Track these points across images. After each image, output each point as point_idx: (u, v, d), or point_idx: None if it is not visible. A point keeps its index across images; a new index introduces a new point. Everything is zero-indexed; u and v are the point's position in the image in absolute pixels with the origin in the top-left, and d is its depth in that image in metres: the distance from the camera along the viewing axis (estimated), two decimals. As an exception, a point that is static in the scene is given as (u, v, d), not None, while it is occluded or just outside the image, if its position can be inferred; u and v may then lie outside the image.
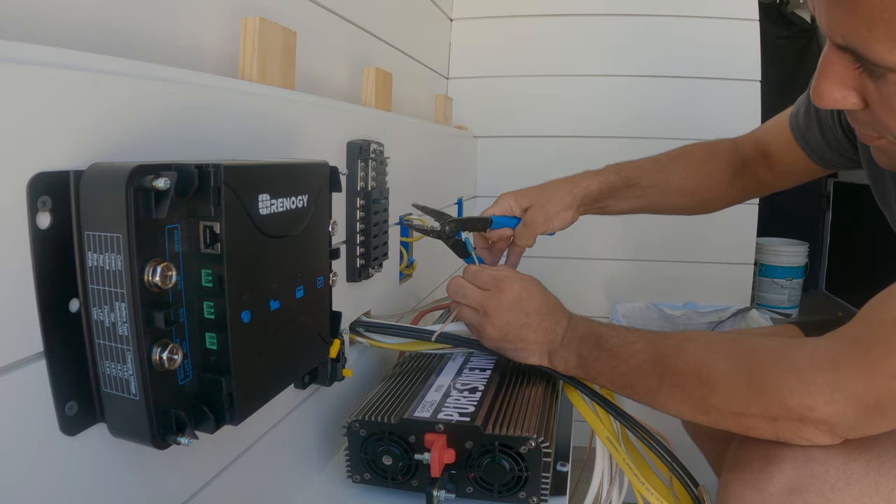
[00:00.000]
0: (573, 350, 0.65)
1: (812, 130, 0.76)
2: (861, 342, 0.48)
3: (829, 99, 0.49)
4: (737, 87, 1.59)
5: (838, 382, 0.48)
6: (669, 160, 0.90)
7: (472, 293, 0.69)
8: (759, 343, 0.55)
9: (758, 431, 0.54)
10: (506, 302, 0.67)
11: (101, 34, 0.51)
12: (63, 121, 0.35)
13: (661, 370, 0.58)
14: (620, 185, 0.87)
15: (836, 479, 0.50)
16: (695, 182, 0.88)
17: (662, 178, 0.88)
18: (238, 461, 0.54)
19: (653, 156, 0.91)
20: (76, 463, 0.38)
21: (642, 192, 0.88)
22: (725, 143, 0.91)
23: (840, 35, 0.45)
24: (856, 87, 0.48)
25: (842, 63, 0.47)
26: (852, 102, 0.49)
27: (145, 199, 0.35)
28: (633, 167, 0.88)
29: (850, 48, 0.45)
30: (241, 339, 0.42)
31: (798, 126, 0.79)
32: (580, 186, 0.86)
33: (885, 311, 0.47)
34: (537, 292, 0.68)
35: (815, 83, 0.49)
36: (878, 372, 0.46)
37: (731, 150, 0.90)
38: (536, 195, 0.85)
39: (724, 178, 0.89)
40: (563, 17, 1.64)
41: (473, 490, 0.60)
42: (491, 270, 0.71)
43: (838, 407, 0.48)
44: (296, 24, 0.67)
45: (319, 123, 0.67)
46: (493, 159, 1.69)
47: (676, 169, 0.88)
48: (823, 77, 0.48)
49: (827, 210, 2.46)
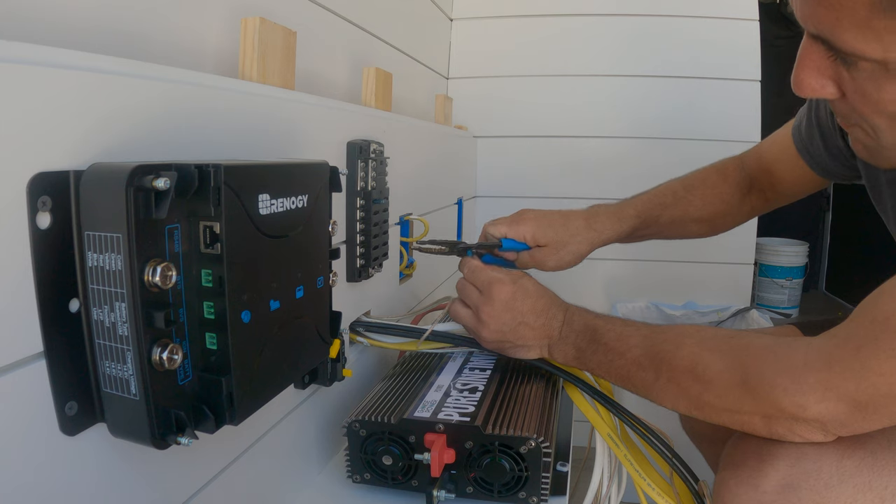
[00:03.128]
0: (571, 343, 0.66)
1: (814, 140, 0.76)
2: (852, 341, 0.48)
3: (807, 87, 0.50)
4: (737, 87, 1.59)
5: (830, 381, 0.49)
6: (686, 191, 0.88)
7: (471, 293, 0.71)
8: (754, 341, 0.55)
9: (752, 428, 0.55)
10: (499, 305, 0.68)
11: (101, 34, 0.51)
12: (63, 121, 0.35)
13: (657, 365, 0.59)
14: (640, 227, 0.86)
15: (829, 475, 0.51)
16: (711, 210, 0.88)
17: (680, 212, 0.87)
18: (238, 461, 0.54)
19: (670, 184, 0.89)
20: (76, 463, 0.38)
21: (660, 228, 0.88)
22: (733, 162, 0.90)
23: (812, 25, 0.47)
24: (832, 76, 0.49)
25: (817, 53, 0.48)
26: (829, 92, 0.50)
27: (145, 199, 0.35)
28: (654, 205, 0.87)
29: (822, 37, 0.46)
30: (241, 339, 0.42)
31: (801, 138, 0.79)
32: (601, 237, 0.83)
33: (877, 310, 0.47)
34: (531, 291, 0.69)
35: (794, 73, 0.51)
36: (869, 371, 0.47)
37: (739, 168, 0.89)
38: (555, 235, 0.80)
39: (734, 201, 0.89)
40: (564, 17, 1.64)
41: (473, 490, 0.60)
42: (487, 272, 0.71)
43: (830, 405, 0.49)
44: (296, 24, 0.67)
45: (319, 123, 0.67)
46: (493, 159, 1.69)
47: (693, 200, 0.88)
48: (801, 67, 0.50)
49: (827, 210, 2.46)
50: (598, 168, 1.65)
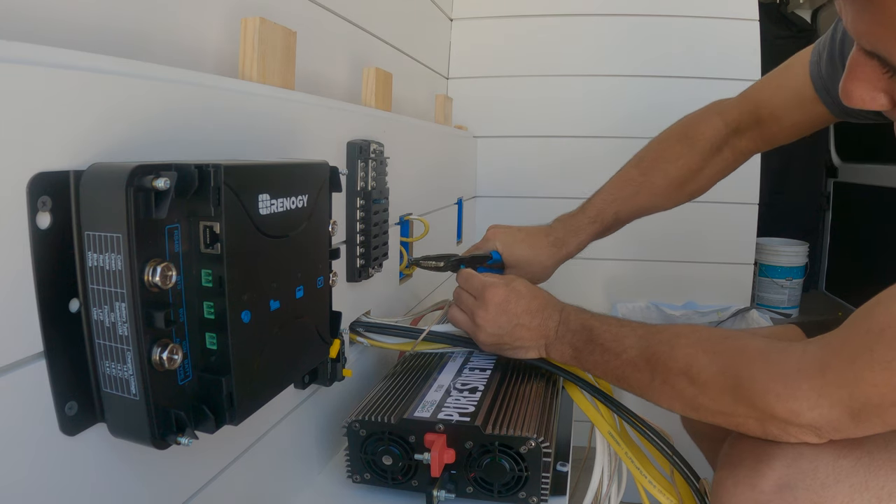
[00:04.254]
0: (567, 342, 0.67)
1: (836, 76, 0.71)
2: (847, 350, 0.49)
3: (857, 99, 0.50)
4: (737, 87, 1.55)
5: (823, 389, 0.49)
6: (643, 175, 0.88)
7: (466, 299, 0.72)
8: (748, 344, 0.55)
9: (746, 429, 0.55)
10: (493, 309, 0.69)
11: (101, 34, 0.51)
12: (63, 121, 0.35)
13: (652, 366, 0.59)
14: (602, 230, 0.89)
15: (825, 475, 0.51)
16: (676, 183, 0.88)
17: (643, 200, 0.88)
18: (238, 461, 0.54)
19: (626, 172, 0.90)
20: (76, 463, 0.38)
21: (627, 219, 0.90)
22: (704, 114, 0.89)
23: (867, 42, 0.46)
24: (884, 88, 0.49)
25: (870, 67, 0.48)
26: (881, 104, 0.50)
27: (145, 199, 0.35)
28: (611, 202, 0.88)
29: (878, 54, 0.46)
30: (241, 339, 0.42)
31: (819, 75, 0.75)
32: (561, 252, 0.88)
33: (873, 320, 0.48)
34: (524, 293, 0.70)
35: (843, 84, 0.50)
36: (863, 381, 0.47)
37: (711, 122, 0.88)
38: (522, 255, 0.86)
39: (697, 164, 0.87)
40: (563, 17, 1.64)
41: (473, 490, 0.60)
42: (479, 278, 0.73)
43: (823, 412, 0.49)
44: (296, 24, 0.67)
45: (319, 123, 0.67)
46: (493, 159, 1.69)
47: (654, 181, 0.87)
48: (851, 79, 0.49)
49: (827, 210, 2.46)
50: (597, 168, 1.62)
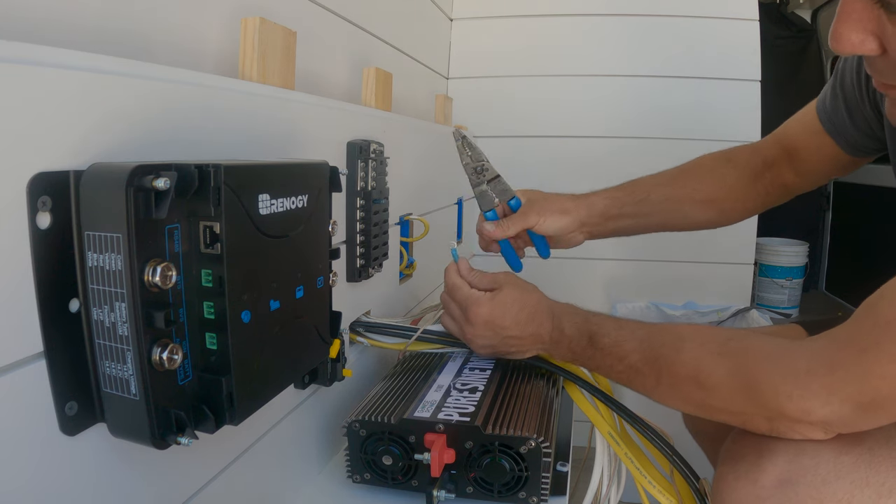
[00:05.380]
0: (565, 346, 0.67)
1: (839, 111, 0.76)
2: (854, 345, 0.49)
3: (846, 42, 0.50)
4: (737, 87, 1.59)
5: (833, 386, 0.49)
6: (681, 172, 0.87)
7: (454, 310, 0.72)
8: (754, 345, 0.55)
9: (754, 426, 0.55)
10: (480, 326, 0.69)
11: (101, 34, 0.51)
12: (63, 121, 0.35)
13: (657, 371, 0.59)
14: (628, 200, 0.84)
15: (826, 471, 0.51)
16: (710, 190, 0.86)
17: (674, 191, 0.85)
18: (238, 461, 0.54)
19: (664, 170, 0.88)
20: (76, 463, 0.38)
21: (654, 207, 0.85)
22: (743, 147, 0.89)
23: None
24: (874, 31, 0.49)
25: (861, 5, 0.48)
26: (870, 48, 0.50)
27: (145, 199, 0.35)
28: (640, 182, 0.86)
29: None
30: (241, 339, 0.42)
31: (825, 110, 0.79)
32: (585, 202, 0.84)
33: (879, 314, 0.48)
34: (508, 305, 0.68)
35: (833, 27, 0.50)
36: (872, 375, 0.47)
37: (750, 152, 0.88)
38: (540, 195, 0.86)
39: (740, 185, 0.86)
40: (564, 17, 1.64)
41: (473, 490, 0.60)
42: (464, 291, 0.70)
43: (834, 408, 0.49)
44: (296, 24, 0.67)
45: (319, 123, 0.67)
46: (493, 159, 1.68)
47: (688, 181, 0.86)
48: (842, 20, 0.50)
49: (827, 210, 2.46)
50: (598, 168, 1.64)
